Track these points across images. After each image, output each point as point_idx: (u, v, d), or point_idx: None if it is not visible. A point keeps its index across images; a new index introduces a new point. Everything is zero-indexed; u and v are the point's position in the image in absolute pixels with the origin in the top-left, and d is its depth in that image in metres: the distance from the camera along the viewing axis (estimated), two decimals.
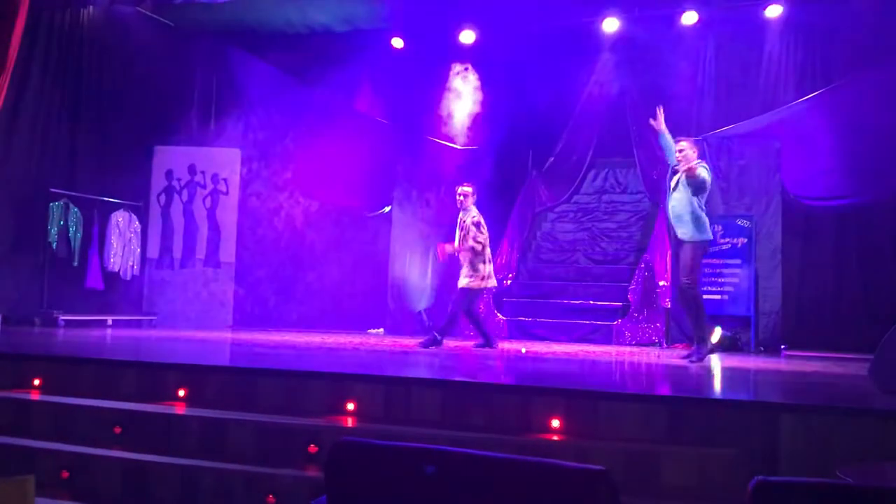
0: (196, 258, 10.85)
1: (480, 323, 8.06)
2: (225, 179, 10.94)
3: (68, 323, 9.30)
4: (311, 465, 4.07)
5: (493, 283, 8.03)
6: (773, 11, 9.57)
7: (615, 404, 4.12)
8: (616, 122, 10.82)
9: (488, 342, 7.81)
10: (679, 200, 6.70)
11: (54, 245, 9.78)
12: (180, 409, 4.66)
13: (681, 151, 6.70)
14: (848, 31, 9.11)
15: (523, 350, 7.92)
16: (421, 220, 10.77)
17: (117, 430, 4.51)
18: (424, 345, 7.65)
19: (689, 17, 9.81)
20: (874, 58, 8.84)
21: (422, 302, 10.56)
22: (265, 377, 4.84)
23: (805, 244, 9.55)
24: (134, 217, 10.69)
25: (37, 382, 5.14)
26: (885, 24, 8.66)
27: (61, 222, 9.86)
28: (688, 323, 8.69)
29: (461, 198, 7.90)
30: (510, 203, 11.20)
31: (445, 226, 10.81)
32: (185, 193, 10.94)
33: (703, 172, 6.62)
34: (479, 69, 11.02)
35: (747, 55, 10.03)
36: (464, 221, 7.82)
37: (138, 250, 10.70)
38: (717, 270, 9.00)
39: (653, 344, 9.16)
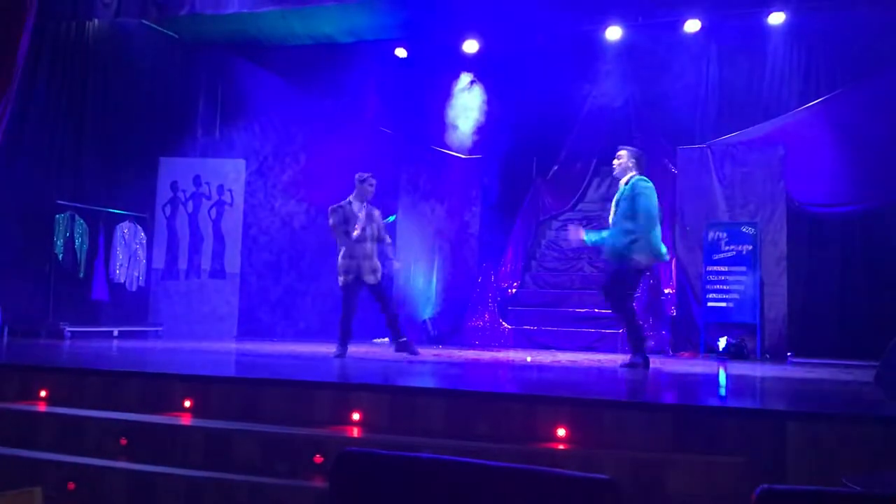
0: (201, 269, 10.87)
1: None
2: (230, 190, 10.97)
3: (74, 334, 9.31)
4: (316, 475, 4.06)
5: None
6: (776, 19, 9.58)
7: (621, 413, 4.10)
8: (620, 129, 10.84)
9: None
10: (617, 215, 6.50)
11: (60, 257, 9.81)
12: (186, 420, 4.67)
13: (618, 160, 6.59)
14: (850, 38, 9.13)
15: (528, 358, 7.91)
16: (426, 228, 10.79)
17: (123, 441, 4.51)
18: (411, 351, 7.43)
19: (692, 25, 9.83)
20: (877, 64, 8.85)
21: (427, 310, 10.56)
22: (270, 387, 4.84)
23: (810, 251, 9.54)
24: (139, 228, 10.72)
25: (43, 394, 5.15)
26: (888, 31, 8.67)
27: (67, 234, 9.89)
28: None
29: (373, 188, 7.40)
30: (514, 211, 11.22)
31: (452, 234, 10.83)
32: (190, 205, 10.97)
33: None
34: (482, 78, 11.06)
35: (750, 62, 10.05)
36: (372, 212, 7.38)
37: (144, 261, 10.72)
38: (723, 278, 9.00)
39: (659, 352, 9.14)
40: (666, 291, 9.62)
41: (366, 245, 7.24)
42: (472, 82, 11.06)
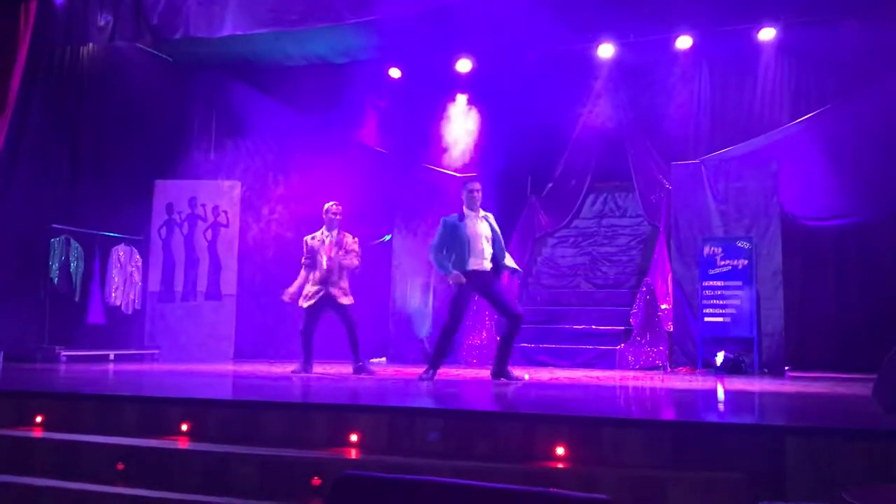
0: (197, 291, 10.85)
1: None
2: (225, 212, 10.98)
3: (70, 358, 9.28)
4: (314, 498, 4.04)
5: None
6: (766, 34, 9.66)
7: (620, 430, 4.10)
8: (613, 146, 10.90)
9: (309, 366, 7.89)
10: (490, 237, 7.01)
11: (56, 280, 9.79)
12: (183, 444, 4.65)
13: (479, 191, 7.11)
14: (839, 52, 9.20)
15: (526, 377, 7.89)
16: (421, 247, 10.78)
17: (120, 466, 4.48)
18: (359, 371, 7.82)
19: (684, 42, 9.91)
20: (866, 78, 8.92)
21: (424, 329, 10.54)
22: (267, 410, 4.82)
23: (806, 264, 9.56)
24: (135, 251, 10.71)
25: (39, 419, 5.12)
26: (875, 46, 8.75)
27: (62, 258, 9.87)
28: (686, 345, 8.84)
29: (336, 216, 7.95)
30: (510, 229, 11.21)
31: None
32: (185, 226, 10.97)
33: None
34: (476, 97, 11.11)
35: (742, 78, 10.13)
36: (342, 238, 7.90)
37: (139, 284, 10.70)
38: (719, 293, 9.00)
39: (656, 368, 9.13)
40: (663, 307, 9.61)
41: (332, 273, 7.81)
42: (465, 100, 11.12)
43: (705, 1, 9.32)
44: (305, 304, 7.85)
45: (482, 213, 7.12)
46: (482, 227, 7.01)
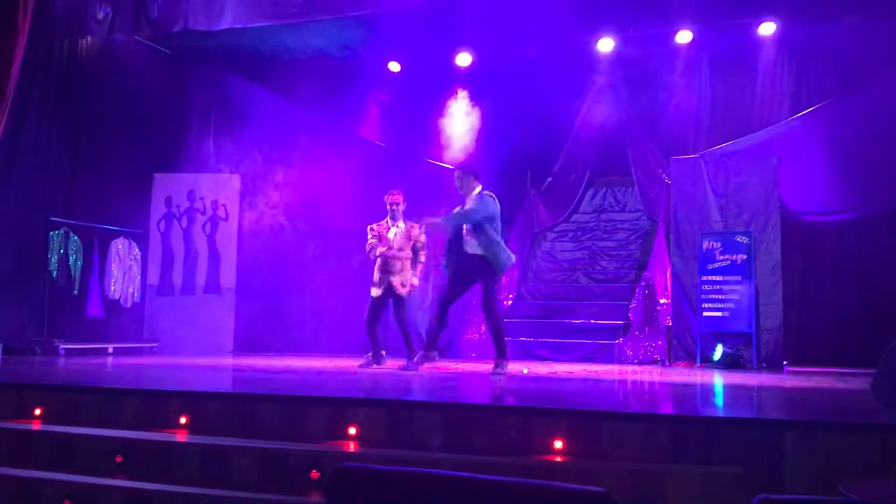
0: (196, 284, 10.85)
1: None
2: (224, 205, 10.97)
3: (69, 352, 9.27)
4: (313, 491, 4.04)
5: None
6: (766, 29, 9.65)
7: (618, 424, 4.10)
8: (613, 141, 10.88)
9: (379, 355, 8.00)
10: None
11: (55, 274, 9.78)
12: (182, 437, 4.65)
13: (457, 178, 7.33)
14: (840, 47, 9.19)
15: (525, 370, 7.90)
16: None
17: (119, 458, 4.49)
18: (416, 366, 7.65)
19: (684, 36, 9.89)
20: (867, 73, 8.91)
21: (423, 323, 10.53)
22: (266, 403, 4.82)
23: (805, 259, 9.56)
24: (134, 244, 10.70)
25: (38, 412, 5.12)
26: (876, 41, 8.74)
27: (61, 251, 9.86)
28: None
29: (390, 206, 8.04)
30: (509, 223, 11.16)
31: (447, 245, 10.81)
32: (184, 220, 10.96)
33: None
34: (476, 91, 11.08)
35: (742, 72, 10.11)
36: (409, 230, 7.93)
37: (138, 277, 10.69)
38: (718, 287, 9.00)
39: (655, 362, 9.14)
40: (661, 301, 9.62)
41: (396, 262, 7.88)
42: (464, 94, 11.09)
43: None
44: (372, 293, 7.93)
45: (472, 196, 7.34)
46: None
